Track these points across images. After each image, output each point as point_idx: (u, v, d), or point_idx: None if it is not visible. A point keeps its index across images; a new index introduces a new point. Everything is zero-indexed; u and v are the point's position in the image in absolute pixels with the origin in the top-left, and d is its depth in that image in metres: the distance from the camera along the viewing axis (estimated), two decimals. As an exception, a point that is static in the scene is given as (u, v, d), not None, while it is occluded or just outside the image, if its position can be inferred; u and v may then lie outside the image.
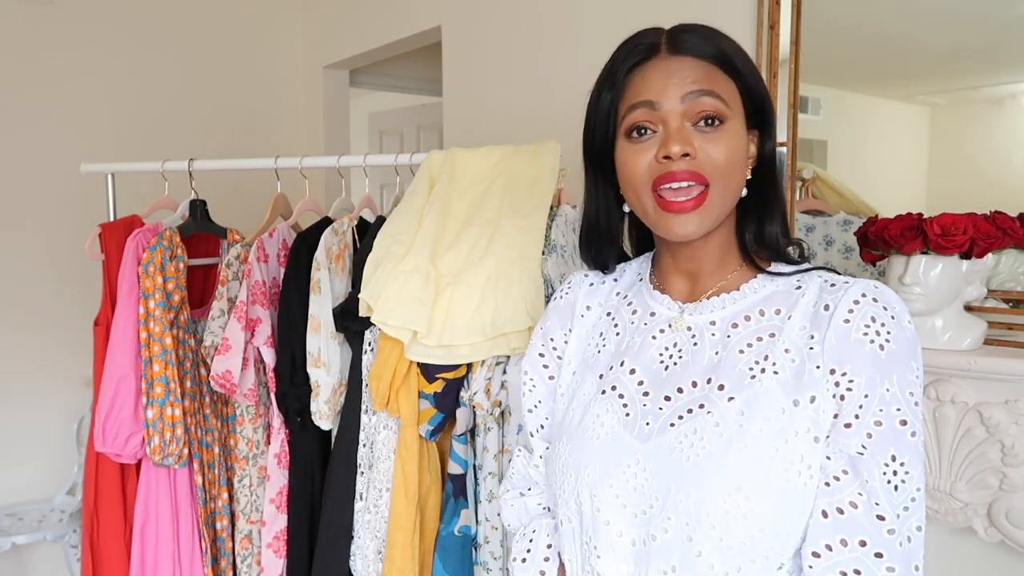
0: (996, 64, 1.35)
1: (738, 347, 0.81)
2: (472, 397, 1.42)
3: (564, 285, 1.01)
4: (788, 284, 0.84)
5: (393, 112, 4.12)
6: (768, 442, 0.75)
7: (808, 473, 0.74)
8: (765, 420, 0.76)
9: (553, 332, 0.98)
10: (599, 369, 0.90)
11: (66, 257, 2.63)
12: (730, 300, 0.85)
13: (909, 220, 1.24)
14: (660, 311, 0.89)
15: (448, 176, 1.53)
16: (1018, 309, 1.30)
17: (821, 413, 0.75)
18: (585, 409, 0.88)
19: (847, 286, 0.79)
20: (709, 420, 0.78)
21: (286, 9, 3.32)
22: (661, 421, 0.81)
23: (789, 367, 0.78)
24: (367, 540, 1.54)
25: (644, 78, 0.82)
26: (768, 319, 0.82)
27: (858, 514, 0.73)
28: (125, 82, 2.90)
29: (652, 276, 0.94)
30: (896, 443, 0.73)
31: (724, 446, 0.76)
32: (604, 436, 0.84)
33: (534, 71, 2.22)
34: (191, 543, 1.76)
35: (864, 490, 0.73)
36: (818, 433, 0.75)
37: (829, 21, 1.52)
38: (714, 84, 0.80)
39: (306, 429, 1.64)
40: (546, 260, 1.41)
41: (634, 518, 0.80)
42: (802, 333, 0.79)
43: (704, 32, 0.83)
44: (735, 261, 0.88)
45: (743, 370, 0.79)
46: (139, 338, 1.66)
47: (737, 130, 0.81)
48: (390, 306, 1.38)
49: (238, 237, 1.88)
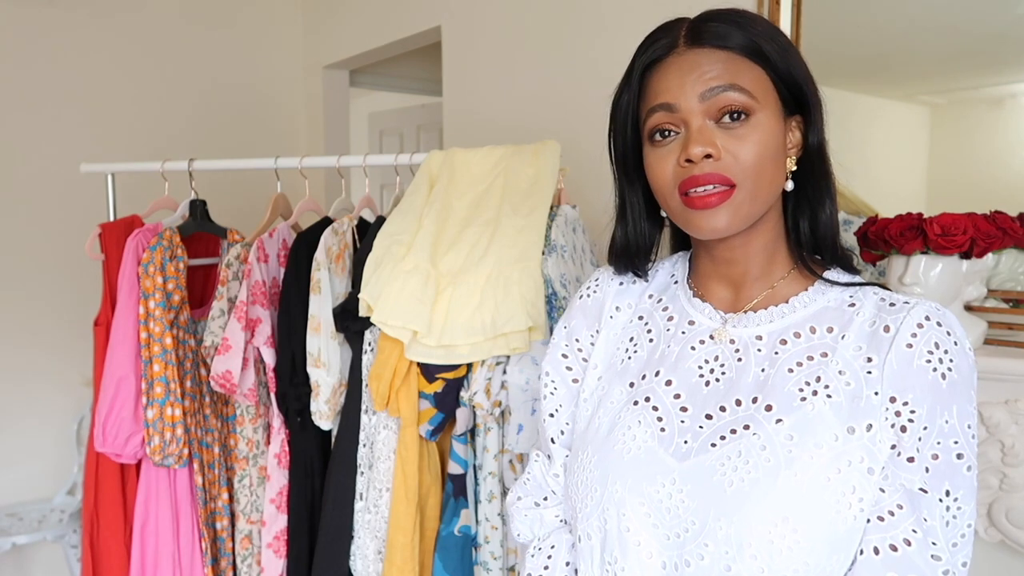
0: (996, 64, 1.35)
1: (787, 365, 0.76)
2: (472, 397, 1.42)
3: (590, 282, 0.94)
4: (840, 300, 0.78)
5: (393, 112, 4.12)
6: (820, 471, 0.70)
7: (859, 506, 0.70)
8: (816, 447, 0.71)
9: (579, 332, 0.91)
10: (629, 377, 0.84)
11: (66, 257, 2.63)
12: (778, 314, 0.79)
13: (909, 220, 1.24)
14: (700, 320, 0.83)
15: (448, 176, 1.53)
16: (1018, 309, 1.30)
17: (878, 443, 0.71)
18: (614, 419, 0.82)
19: (908, 307, 0.74)
20: (755, 443, 0.73)
21: (286, 9, 3.32)
22: (701, 440, 0.76)
23: (844, 391, 0.73)
24: (367, 540, 1.54)
25: (660, 78, 0.77)
26: (819, 337, 0.76)
27: (912, 552, 0.69)
28: (125, 82, 2.90)
29: (689, 280, 0.87)
30: (952, 477, 0.69)
31: (771, 472, 0.71)
32: (635, 450, 0.78)
33: (534, 71, 2.22)
34: (191, 543, 1.76)
35: (920, 528, 0.69)
36: (873, 464, 0.70)
37: (829, 21, 1.52)
38: (736, 76, 0.74)
39: (306, 429, 1.64)
40: (546, 260, 1.41)
41: (666, 539, 0.75)
42: (858, 354, 0.74)
43: (730, 18, 0.76)
44: (784, 265, 0.82)
45: (792, 391, 0.74)
46: (139, 338, 1.66)
47: (768, 122, 0.75)
48: (390, 306, 1.38)
49: (238, 237, 1.88)
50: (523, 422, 1.39)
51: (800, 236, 0.81)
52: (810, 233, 0.81)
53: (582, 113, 2.01)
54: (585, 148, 1.80)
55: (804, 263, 0.80)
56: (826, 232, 0.80)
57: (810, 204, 0.80)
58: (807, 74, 0.79)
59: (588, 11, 2.03)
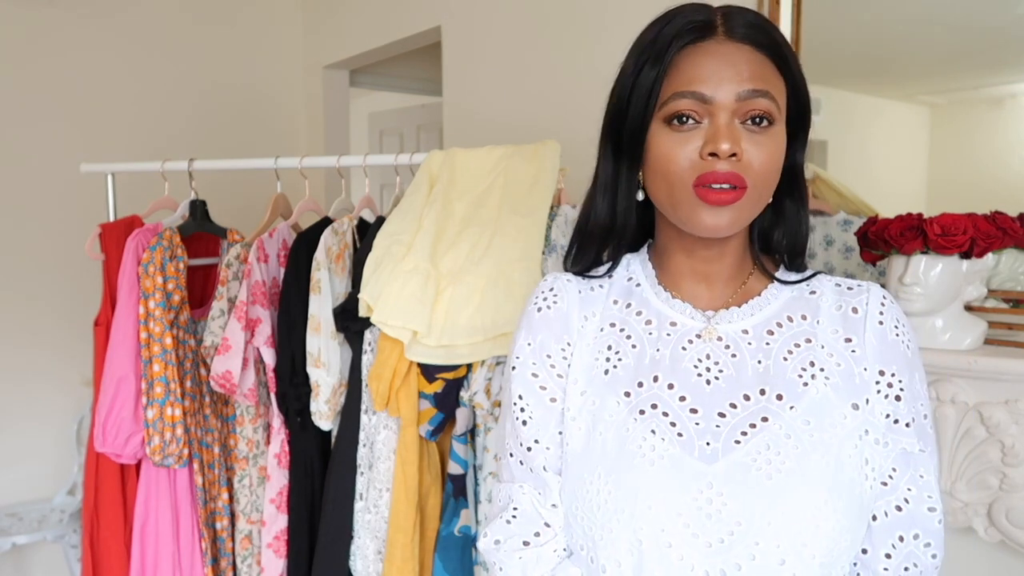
0: (996, 64, 1.35)
1: (781, 354, 0.78)
2: (472, 397, 1.42)
3: (544, 292, 0.87)
4: (800, 289, 0.83)
5: (393, 112, 4.12)
6: (840, 449, 0.73)
7: (873, 476, 0.75)
8: (832, 427, 0.74)
9: (547, 347, 0.84)
10: (621, 387, 0.80)
11: (66, 257, 2.63)
12: (756, 307, 0.82)
13: (909, 220, 1.24)
14: (682, 320, 0.82)
15: (448, 176, 1.53)
16: (1018, 309, 1.30)
17: (876, 415, 0.76)
18: (621, 433, 0.77)
19: (863, 289, 0.81)
20: (779, 433, 0.74)
21: (286, 9, 3.32)
22: (723, 439, 0.74)
23: (837, 372, 0.77)
24: (367, 540, 1.54)
25: (696, 64, 0.74)
26: (798, 325, 0.80)
27: (912, 508, 0.76)
28: (125, 82, 2.90)
29: (659, 281, 0.86)
30: (924, 436, 0.78)
31: (802, 458, 0.72)
32: (659, 461, 0.74)
33: (534, 71, 2.22)
34: (191, 543, 1.76)
35: (915, 485, 0.76)
36: (877, 435, 0.76)
37: (829, 21, 1.52)
38: (768, 83, 0.74)
39: (306, 429, 1.64)
40: (546, 260, 1.42)
41: (707, 547, 0.71)
42: (836, 337, 0.79)
43: (759, 19, 0.75)
44: (748, 264, 0.85)
45: (793, 378, 0.77)
46: (139, 338, 1.66)
47: (781, 135, 0.76)
48: (390, 306, 1.38)
49: (238, 237, 1.88)
50: (523, 422, 1.39)
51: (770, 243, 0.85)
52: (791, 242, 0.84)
53: (582, 113, 2.01)
54: (585, 148, 1.80)
55: (760, 263, 0.85)
56: (803, 244, 0.85)
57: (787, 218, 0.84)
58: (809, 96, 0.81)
59: (588, 11, 2.03)
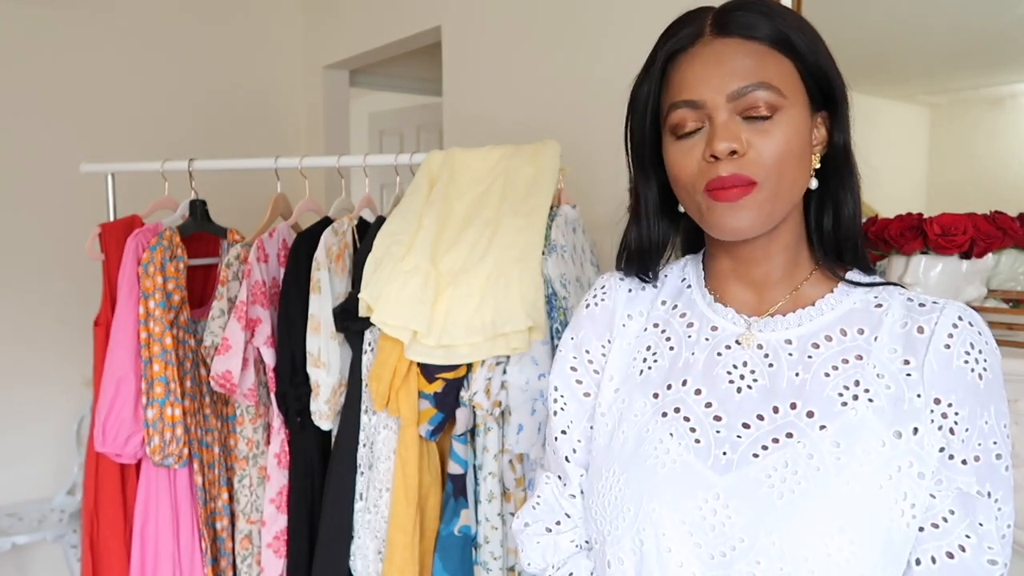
0: (996, 64, 1.35)
1: (823, 370, 0.73)
2: (472, 397, 1.42)
3: (596, 290, 0.88)
4: (866, 301, 0.76)
5: (393, 112, 4.11)
6: (870, 477, 0.68)
7: (911, 512, 0.68)
8: (865, 453, 0.68)
9: (588, 343, 0.86)
10: (652, 387, 0.79)
11: (66, 257, 2.63)
12: (806, 316, 0.76)
13: (909, 220, 1.24)
14: (723, 325, 0.79)
15: (448, 176, 1.53)
16: (1018, 309, 1.30)
17: (925, 447, 0.69)
18: (641, 433, 0.77)
19: (939, 307, 0.73)
20: (801, 451, 0.69)
21: (286, 9, 3.32)
22: (741, 451, 0.72)
23: (884, 394, 0.70)
24: (367, 540, 1.54)
25: (685, 71, 0.73)
26: (851, 339, 0.74)
27: (968, 558, 0.68)
28: (125, 82, 2.90)
29: (707, 284, 0.84)
30: (992, 479, 0.69)
31: (822, 481, 0.68)
32: (670, 464, 0.73)
33: (534, 71, 2.22)
34: (191, 543, 1.76)
35: (975, 532, 0.68)
36: (923, 469, 0.68)
37: (829, 21, 1.52)
38: (765, 72, 0.71)
39: (306, 429, 1.64)
40: (546, 260, 1.42)
41: (710, 559, 0.70)
42: (893, 357, 0.72)
43: (757, 7, 0.73)
44: (806, 266, 0.79)
45: (832, 396, 0.71)
46: (139, 338, 1.66)
47: (795, 118, 0.72)
48: (390, 306, 1.38)
49: (238, 237, 1.88)
50: (523, 422, 1.39)
51: (823, 236, 0.79)
52: (833, 232, 0.78)
53: (582, 113, 2.01)
54: (585, 148, 1.80)
55: (827, 264, 0.78)
56: (849, 232, 0.78)
57: (834, 203, 0.77)
58: (835, 68, 0.75)
59: (589, 11, 2.03)
